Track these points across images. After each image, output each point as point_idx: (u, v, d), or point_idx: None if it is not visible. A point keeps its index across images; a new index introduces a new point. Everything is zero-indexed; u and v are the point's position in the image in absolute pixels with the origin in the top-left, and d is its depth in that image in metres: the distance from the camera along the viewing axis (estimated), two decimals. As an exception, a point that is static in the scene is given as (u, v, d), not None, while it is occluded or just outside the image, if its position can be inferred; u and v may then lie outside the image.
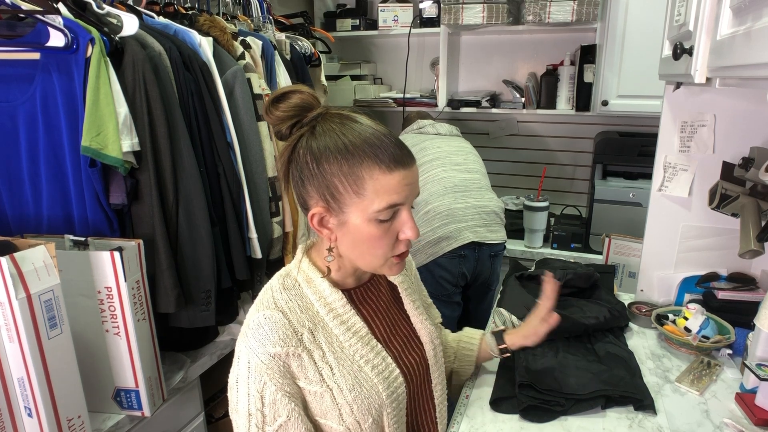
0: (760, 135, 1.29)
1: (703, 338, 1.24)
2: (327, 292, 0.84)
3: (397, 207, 0.78)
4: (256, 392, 0.76)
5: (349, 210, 0.77)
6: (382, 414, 0.82)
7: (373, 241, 0.79)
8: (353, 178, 0.76)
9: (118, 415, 1.13)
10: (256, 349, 0.76)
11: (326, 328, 0.82)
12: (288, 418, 0.76)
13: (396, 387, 0.84)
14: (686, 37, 0.95)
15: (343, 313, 0.84)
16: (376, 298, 0.92)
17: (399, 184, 0.76)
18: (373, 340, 0.85)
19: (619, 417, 1.02)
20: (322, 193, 0.78)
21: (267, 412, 0.76)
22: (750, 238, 1.12)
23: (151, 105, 1.14)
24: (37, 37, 1.07)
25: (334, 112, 0.80)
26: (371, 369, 0.82)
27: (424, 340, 0.95)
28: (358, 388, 0.80)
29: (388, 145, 0.76)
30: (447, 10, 2.29)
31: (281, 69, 1.63)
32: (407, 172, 0.78)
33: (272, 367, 0.76)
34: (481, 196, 1.93)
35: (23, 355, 0.88)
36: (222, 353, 1.44)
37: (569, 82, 2.30)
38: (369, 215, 0.76)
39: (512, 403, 1.05)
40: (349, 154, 0.75)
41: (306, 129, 0.79)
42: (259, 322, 0.78)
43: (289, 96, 0.79)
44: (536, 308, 1.09)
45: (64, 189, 1.16)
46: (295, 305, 0.81)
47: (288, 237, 1.59)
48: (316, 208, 0.80)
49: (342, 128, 0.77)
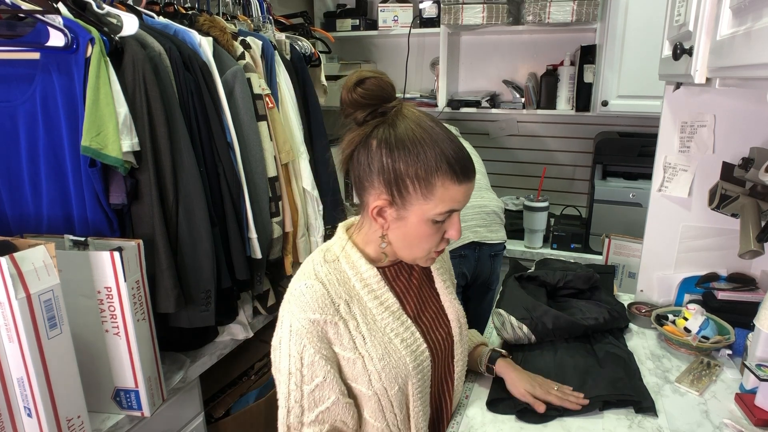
0: (760, 135, 1.29)
1: (703, 338, 1.24)
2: (363, 269, 0.91)
3: (453, 211, 0.85)
4: (297, 353, 0.84)
5: (412, 208, 0.83)
6: (408, 383, 0.89)
7: (423, 238, 0.86)
8: (425, 183, 0.81)
9: (117, 415, 1.13)
10: (297, 314, 0.83)
11: (361, 301, 0.89)
12: (324, 379, 0.84)
13: (422, 360, 0.91)
14: (686, 38, 0.95)
15: (377, 288, 0.91)
16: (408, 276, 0.98)
17: (464, 194, 0.83)
18: (404, 315, 0.92)
19: (618, 417, 1.01)
20: (389, 187, 0.83)
21: (305, 372, 0.84)
22: (750, 239, 1.12)
23: (151, 105, 1.14)
24: (37, 37, 1.07)
25: (409, 109, 0.84)
26: (400, 342, 0.89)
27: (451, 317, 1.01)
28: (387, 358, 0.87)
29: (461, 159, 0.82)
30: (447, 10, 2.29)
31: (281, 69, 1.63)
32: (470, 185, 0.84)
33: (311, 332, 0.83)
34: (480, 196, 1.93)
35: (23, 355, 0.88)
36: (222, 353, 1.45)
37: (569, 82, 2.30)
38: (429, 216, 0.83)
39: (509, 405, 1.05)
40: (427, 159, 0.80)
41: (382, 122, 0.82)
42: (300, 290, 0.85)
43: (367, 81, 0.81)
44: (549, 388, 1.05)
45: (64, 189, 1.16)
46: (333, 278, 0.88)
47: (288, 237, 1.59)
48: (379, 200, 0.84)
49: (420, 131, 0.81)
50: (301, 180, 1.63)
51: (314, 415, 0.85)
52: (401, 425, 0.91)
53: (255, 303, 1.58)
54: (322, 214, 1.71)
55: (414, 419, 0.92)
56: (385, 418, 0.89)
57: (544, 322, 1.21)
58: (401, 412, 0.90)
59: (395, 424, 0.90)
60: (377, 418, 0.88)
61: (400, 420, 0.90)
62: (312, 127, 1.80)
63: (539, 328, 1.21)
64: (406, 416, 0.91)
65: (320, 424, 0.86)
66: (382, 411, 0.88)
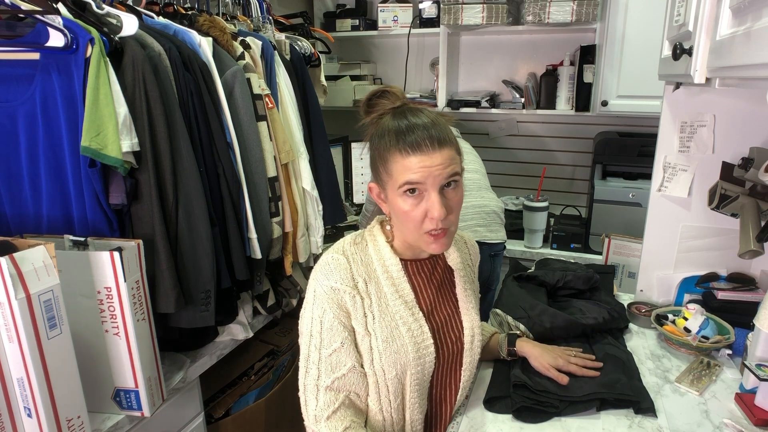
0: (760, 135, 1.30)
1: (703, 338, 1.24)
2: (387, 256, 0.98)
3: (415, 185, 0.89)
4: (318, 317, 0.92)
5: (387, 187, 0.93)
6: (406, 372, 0.94)
7: (404, 214, 0.91)
8: (384, 161, 0.91)
9: (117, 415, 1.12)
10: (321, 281, 0.93)
11: (378, 284, 0.96)
12: (341, 345, 0.92)
13: (425, 354, 0.95)
14: (686, 38, 0.95)
15: (396, 277, 0.97)
16: (429, 274, 1.03)
17: (415, 166, 0.87)
18: (416, 308, 0.98)
19: (618, 417, 1.02)
20: (375, 173, 0.96)
21: (324, 336, 0.92)
22: (750, 239, 1.12)
23: (151, 105, 1.14)
24: (37, 37, 1.07)
25: (407, 107, 0.95)
26: (406, 330, 0.94)
27: (466, 326, 1.04)
28: (390, 341, 0.92)
29: (413, 134, 0.88)
30: (447, 11, 2.29)
31: (281, 69, 1.63)
32: (424, 157, 0.88)
33: (332, 298, 0.92)
34: (480, 195, 1.93)
35: (23, 355, 0.87)
36: (222, 353, 1.45)
37: (569, 82, 2.30)
38: (396, 191, 0.90)
39: (506, 403, 1.05)
40: (384, 140, 0.91)
41: (377, 116, 0.96)
42: (327, 261, 0.95)
43: (385, 94, 0.96)
44: (568, 357, 1.11)
45: (64, 189, 1.16)
46: (358, 258, 0.97)
47: (287, 237, 1.59)
48: (372, 182, 0.98)
49: (398, 119, 0.91)
50: (300, 180, 1.63)
51: (330, 380, 0.91)
52: (395, 413, 0.95)
53: (255, 303, 1.58)
54: (321, 214, 1.71)
55: (409, 410, 0.96)
56: (380, 401, 0.94)
57: (541, 321, 1.21)
58: (396, 399, 0.95)
59: (389, 410, 0.95)
60: (373, 400, 0.94)
61: (395, 407, 0.95)
62: (312, 127, 1.80)
63: (537, 327, 1.21)
64: (401, 404, 0.96)
65: (335, 392, 0.91)
66: (378, 393, 0.94)
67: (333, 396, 0.91)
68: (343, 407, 0.91)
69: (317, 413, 0.91)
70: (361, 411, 0.95)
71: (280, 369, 1.74)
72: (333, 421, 0.90)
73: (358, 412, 0.94)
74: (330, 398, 0.91)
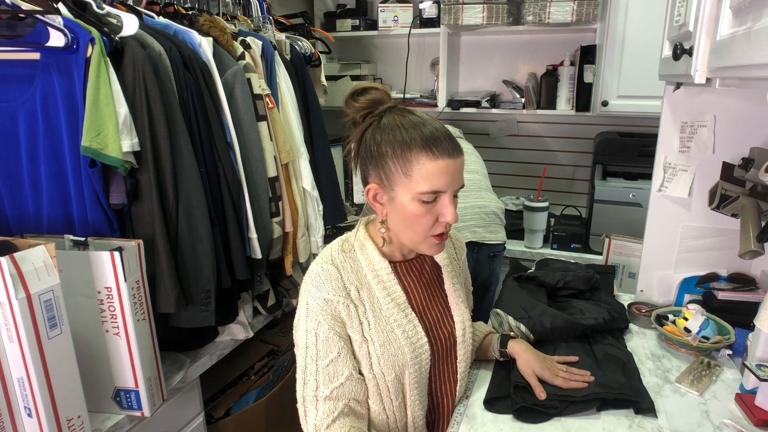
0: (760, 135, 1.29)
1: (703, 339, 1.24)
2: (376, 260, 0.97)
3: (438, 193, 0.89)
4: (312, 330, 0.92)
5: (398, 188, 0.90)
6: (405, 372, 0.95)
7: (414, 219, 0.90)
8: (403, 160, 0.88)
9: (117, 415, 1.13)
10: (313, 293, 0.92)
11: (371, 290, 0.96)
12: (338, 355, 0.91)
13: (421, 353, 0.96)
14: (686, 38, 0.95)
15: (387, 280, 0.97)
16: (419, 273, 1.04)
17: (442, 171, 0.88)
18: (408, 309, 0.98)
19: (618, 417, 1.01)
20: (378, 172, 0.92)
21: (320, 347, 0.91)
22: (750, 239, 1.12)
23: (151, 105, 1.14)
24: (37, 37, 1.07)
25: (400, 107, 0.95)
26: (401, 333, 0.94)
27: (456, 319, 1.05)
28: (387, 345, 0.93)
29: (437, 137, 0.88)
30: (447, 11, 2.29)
31: (281, 69, 1.63)
32: (450, 162, 0.88)
33: (326, 310, 0.91)
34: (480, 196, 1.93)
35: (23, 355, 0.88)
36: (222, 353, 1.45)
37: (569, 82, 2.30)
38: (414, 195, 0.89)
39: (506, 404, 1.05)
40: (402, 138, 0.89)
41: (375, 118, 0.94)
42: (317, 272, 0.93)
43: (369, 91, 0.96)
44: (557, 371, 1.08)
45: (64, 189, 1.16)
46: (348, 265, 0.96)
47: (288, 237, 1.59)
48: (372, 184, 0.94)
49: (402, 119, 0.91)
50: (301, 180, 1.63)
51: (329, 390, 0.91)
52: (397, 411, 0.97)
53: (255, 303, 1.58)
54: (322, 214, 1.71)
55: (410, 407, 0.97)
56: (382, 401, 0.95)
57: (542, 322, 1.21)
58: (397, 398, 0.96)
59: (391, 408, 0.96)
60: (375, 401, 0.95)
61: (396, 406, 0.96)
62: (312, 127, 1.80)
63: (537, 328, 1.21)
64: (402, 403, 0.97)
65: (335, 401, 0.91)
66: (379, 394, 0.95)
67: (332, 405, 0.91)
68: (342, 415, 0.91)
69: (317, 423, 0.91)
70: (362, 415, 0.95)
71: (280, 369, 1.74)
72: (333, 429, 0.90)
73: (359, 416, 0.94)
74: (329, 407, 0.90)
